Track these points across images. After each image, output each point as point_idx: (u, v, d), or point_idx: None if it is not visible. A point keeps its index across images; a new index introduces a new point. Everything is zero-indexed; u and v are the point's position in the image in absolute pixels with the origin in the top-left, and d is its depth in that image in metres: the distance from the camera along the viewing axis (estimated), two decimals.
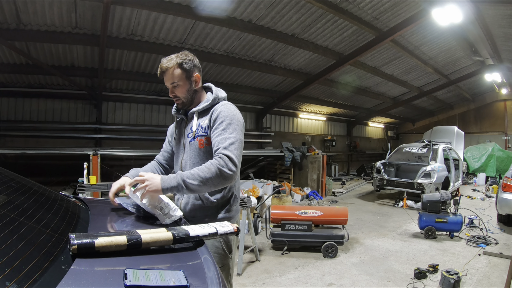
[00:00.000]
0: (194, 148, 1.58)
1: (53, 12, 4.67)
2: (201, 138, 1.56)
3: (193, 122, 1.60)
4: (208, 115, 1.57)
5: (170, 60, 1.55)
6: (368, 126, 16.04)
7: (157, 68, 1.64)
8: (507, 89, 11.89)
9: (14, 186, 1.19)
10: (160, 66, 1.56)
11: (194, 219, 1.56)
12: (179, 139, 1.69)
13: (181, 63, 1.56)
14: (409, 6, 5.80)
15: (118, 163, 7.39)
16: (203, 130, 1.56)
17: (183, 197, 1.61)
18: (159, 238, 1.05)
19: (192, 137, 1.59)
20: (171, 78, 1.56)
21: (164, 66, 1.55)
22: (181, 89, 1.59)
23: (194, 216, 1.58)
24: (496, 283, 3.22)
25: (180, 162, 1.64)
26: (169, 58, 1.57)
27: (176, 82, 1.57)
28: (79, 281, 0.80)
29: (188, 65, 1.58)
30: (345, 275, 3.47)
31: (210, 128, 1.54)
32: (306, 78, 8.52)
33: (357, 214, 6.38)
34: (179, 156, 1.66)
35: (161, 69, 1.56)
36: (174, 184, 1.37)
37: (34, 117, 6.88)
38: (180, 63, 1.56)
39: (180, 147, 1.67)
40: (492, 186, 9.35)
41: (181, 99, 1.61)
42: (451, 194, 6.61)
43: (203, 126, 1.57)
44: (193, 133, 1.58)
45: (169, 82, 1.57)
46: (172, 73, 1.56)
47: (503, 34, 6.82)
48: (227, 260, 1.58)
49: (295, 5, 5.37)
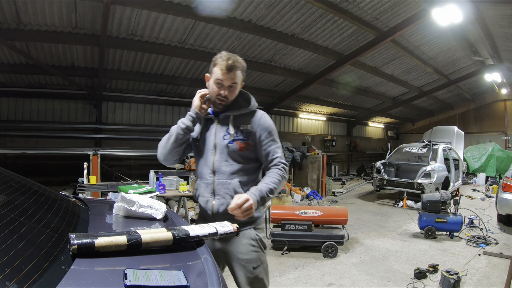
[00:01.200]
0: (232, 150, 1.56)
1: (53, 12, 4.67)
2: (241, 142, 1.56)
3: (230, 125, 1.57)
4: (248, 121, 1.58)
5: (241, 60, 1.53)
6: (368, 126, 16.04)
7: (157, 68, 1.63)
8: (507, 89, 11.88)
9: (14, 186, 1.19)
10: (234, 61, 1.49)
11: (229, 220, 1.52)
12: (207, 138, 1.62)
13: (244, 68, 1.56)
14: (409, 6, 5.80)
15: (118, 163, 7.39)
16: (243, 135, 1.57)
17: (214, 199, 1.57)
18: (159, 238, 1.05)
19: (230, 140, 1.56)
20: (234, 77, 1.51)
21: (237, 64, 1.50)
22: (234, 92, 1.55)
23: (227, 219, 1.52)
24: (496, 283, 3.22)
25: (212, 163, 1.58)
26: (239, 58, 1.53)
27: (236, 83, 1.53)
28: (79, 281, 0.80)
29: (244, 72, 1.58)
30: (345, 275, 3.47)
31: (253, 136, 1.57)
32: (306, 78, 8.52)
33: (357, 214, 6.37)
34: (209, 157, 1.60)
35: (233, 63, 1.49)
36: (264, 202, 1.48)
37: (34, 117, 6.88)
38: (243, 68, 1.55)
39: (208, 147, 1.61)
40: (492, 186, 9.35)
41: (228, 100, 1.55)
42: (451, 194, 6.61)
43: (244, 131, 1.57)
44: (231, 136, 1.56)
45: (230, 81, 1.51)
46: (236, 74, 1.51)
47: (503, 34, 6.82)
48: (264, 257, 1.62)
49: (295, 5, 5.37)
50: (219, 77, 1.49)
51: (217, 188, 1.57)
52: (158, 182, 3.84)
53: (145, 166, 5.94)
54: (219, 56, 1.51)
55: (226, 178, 1.56)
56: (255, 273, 1.54)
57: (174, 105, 8.58)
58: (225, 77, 1.49)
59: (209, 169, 1.59)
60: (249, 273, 1.53)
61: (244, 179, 1.58)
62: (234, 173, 1.56)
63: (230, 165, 1.56)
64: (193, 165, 5.27)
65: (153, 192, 3.49)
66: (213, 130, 1.61)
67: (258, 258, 1.57)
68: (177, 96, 8.41)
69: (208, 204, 1.59)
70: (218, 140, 1.58)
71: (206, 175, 1.60)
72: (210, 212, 1.58)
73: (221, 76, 1.49)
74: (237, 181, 1.55)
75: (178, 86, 7.91)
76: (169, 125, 7.22)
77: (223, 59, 1.49)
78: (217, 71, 1.50)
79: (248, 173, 1.60)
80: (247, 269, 1.54)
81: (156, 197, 3.48)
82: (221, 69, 1.48)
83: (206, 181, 1.60)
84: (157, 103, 8.26)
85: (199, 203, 1.64)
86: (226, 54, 1.51)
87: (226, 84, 1.50)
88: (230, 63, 1.47)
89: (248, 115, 1.60)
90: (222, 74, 1.48)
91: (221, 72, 1.48)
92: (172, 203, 5.37)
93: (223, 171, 1.56)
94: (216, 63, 1.51)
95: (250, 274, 1.53)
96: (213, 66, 1.53)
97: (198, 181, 1.65)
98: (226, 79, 1.49)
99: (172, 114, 8.60)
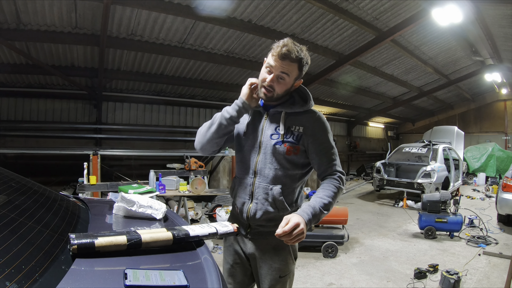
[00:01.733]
0: (279, 153, 1.40)
1: (53, 12, 4.67)
2: (290, 145, 1.40)
3: (281, 124, 1.42)
4: (302, 122, 1.43)
5: (300, 52, 1.35)
6: (368, 126, 16.04)
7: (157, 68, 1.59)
8: (507, 89, 11.87)
9: (14, 186, 1.19)
10: (290, 50, 1.31)
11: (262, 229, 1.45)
12: (254, 134, 1.46)
13: (302, 62, 1.38)
14: (409, 6, 5.80)
15: (118, 163, 7.39)
16: (294, 138, 1.41)
17: (251, 202, 1.44)
18: (159, 238, 1.05)
19: (279, 141, 1.41)
20: (286, 67, 1.34)
21: (294, 55, 1.33)
22: (282, 86, 1.38)
23: (262, 225, 1.45)
24: (496, 283, 3.22)
25: (256, 163, 1.43)
26: (299, 48, 1.36)
27: (286, 75, 1.36)
28: (79, 281, 0.80)
29: (304, 68, 1.42)
30: (345, 275, 3.47)
31: (304, 140, 1.41)
32: (306, 78, 8.40)
33: (357, 214, 6.37)
34: (252, 155, 1.45)
35: (289, 51, 1.31)
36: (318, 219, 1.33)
37: (34, 117, 6.88)
38: (301, 61, 1.37)
39: (254, 144, 1.45)
40: (492, 186, 9.34)
41: (274, 92, 1.38)
42: (451, 194, 6.61)
43: (295, 134, 1.41)
44: (280, 137, 1.40)
45: (279, 70, 1.34)
46: (289, 64, 1.34)
47: (503, 34, 6.81)
48: (293, 267, 1.53)
49: (295, 5, 5.37)
50: (270, 63, 1.36)
51: (256, 191, 1.43)
52: (158, 182, 3.84)
53: (145, 166, 5.95)
54: (276, 43, 1.37)
55: (268, 183, 1.41)
56: (281, 282, 1.48)
57: (174, 105, 8.58)
58: (276, 64, 1.33)
59: (250, 169, 1.45)
60: (275, 281, 1.45)
61: (287, 186, 1.43)
62: (277, 178, 1.41)
63: (274, 168, 1.41)
64: (193, 165, 5.27)
65: (153, 192, 3.49)
66: (260, 125, 1.46)
67: (288, 267, 1.48)
68: (177, 96, 8.41)
69: (244, 206, 1.46)
70: (265, 138, 1.43)
71: (246, 175, 1.46)
72: (245, 215, 1.45)
73: (272, 62, 1.35)
74: (279, 188, 1.40)
75: (178, 86, 7.91)
76: (169, 125, 7.20)
77: (279, 45, 1.34)
78: (269, 57, 1.37)
79: (291, 181, 1.44)
80: (274, 276, 1.45)
81: (156, 197, 3.48)
82: (273, 55, 1.34)
83: (245, 181, 1.46)
84: (157, 103, 8.25)
85: (235, 203, 1.52)
86: (286, 41, 1.34)
87: (275, 72, 1.35)
88: (284, 50, 1.31)
89: (302, 115, 1.45)
90: (273, 60, 1.34)
91: (273, 58, 1.34)
92: (172, 203, 5.37)
93: (266, 174, 1.42)
94: (272, 48, 1.37)
95: (275, 282, 1.46)
96: (269, 52, 1.39)
97: (237, 179, 1.51)
98: (276, 66, 1.34)
99: (172, 114, 8.60)
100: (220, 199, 3.68)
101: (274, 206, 1.41)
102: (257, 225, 1.46)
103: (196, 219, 5.34)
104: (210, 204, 5.78)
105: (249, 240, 1.49)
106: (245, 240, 1.50)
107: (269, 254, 1.46)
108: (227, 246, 1.58)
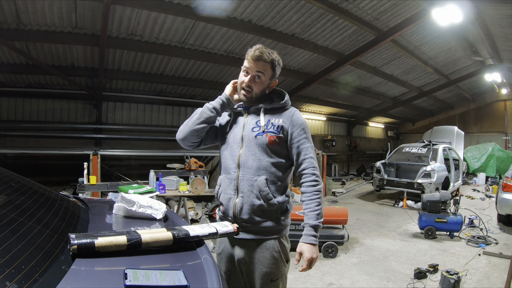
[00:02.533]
0: (261, 143, 1.47)
1: (53, 12, 4.67)
2: (272, 135, 1.48)
3: (261, 117, 1.52)
4: (280, 115, 1.52)
5: (271, 54, 1.50)
6: (368, 126, 16.04)
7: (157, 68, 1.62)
8: (507, 89, 11.88)
9: (14, 186, 1.19)
10: (262, 52, 1.46)
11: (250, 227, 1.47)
12: (236, 131, 1.55)
13: (274, 63, 1.51)
14: (409, 6, 5.80)
15: (118, 163, 7.40)
16: (274, 128, 1.49)
17: (237, 197, 1.48)
18: (159, 238, 1.05)
19: (259, 132, 1.49)
20: (260, 68, 1.48)
21: (266, 56, 1.47)
22: (259, 85, 1.51)
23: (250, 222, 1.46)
24: (496, 283, 3.22)
25: (238, 156, 1.49)
26: (270, 51, 1.50)
27: (262, 74, 1.49)
28: (79, 281, 0.80)
29: (277, 68, 1.54)
30: (345, 275, 3.47)
31: (284, 131, 1.50)
32: (306, 78, 8.51)
33: (357, 214, 6.37)
34: (235, 150, 1.51)
35: (261, 53, 1.46)
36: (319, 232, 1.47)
37: (34, 117, 6.89)
38: (273, 62, 1.51)
39: (235, 139, 1.53)
40: (492, 186, 9.35)
41: (252, 92, 1.51)
42: (451, 194, 6.61)
43: (275, 125, 1.50)
44: (261, 128, 1.49)
45: (255, 70, 1.48)
46: (263, 65, 1.48)
47: (503, 34, 6.82)
48: (285, 270, 1.55)
49: (295, 5, 5.37)
50: (246, 65, 1.50)
51: (241, 184, 1.47)
52: (158, 182, 3.84)
53: (145, 166, 5.95)
54: (250, 48, 1.51)
55: (252, 174, 1.45)
56: (273, 285, 1.49)
57: (174, 105, 8.58)
58: (251, 65, 1.47)
59: (234, 163, 1.50)
60: (267, 284, 1.47)
61: (272, 177, 1.47)
62: (261, 169, 1.46)
63: (258, 159, 1.46)
64: (193, 165, 5.27)
65: (153, 192, 3.49)
66: (241, 122, 1.56)
67: (279, 271, 1.49)
68: (177, 96, 8.41)
69: (230, 202, 1.49)
70: (246, 132, 1.51)
71: (231, 170, 1.50)
72: (232, 211, 1.48)
73: (248, 64, 1.49)
74: (263, 179, 1.44)
75: (178, 86, 7.91)
76: (169, 125, 7.20)
77: (251, 49, 1.48)
78: (245, 62, 1.50)
79: (276, 171, 1.48)
80: (265, 280, 1.47)
81: (156, 197, 3.48)
82: (247, 59, 1.48)
83: (230, 176, 1.50)
84: (157, 103, 8.26)
85: (220, 201, 1.55)
86: (258, 46, 1.50)
87: (251, 73, 1.48)
88: (257, 53, 1.45)
89: (280, 110, 1.54)
90: (248, 62, 1.48)
91: (247, 61, 1.48)
92: (172, 203, 5.37)
93: (249, 166, 1.46)
94: (246, 54, 1.51)
95: (267, 285, 1.48)
96: (244, 59, 1.53)
97: (222, 176, 1.56)
98: (251, 67, 1.48)
99: (172, 114, 8.60)
100: None
101: (259, 197, 1.44)
102: (244, 222, 1.46)
103: (196, 219, 5.34)
104: (210, 204, 5.78)
105: (238, 243, 1.49)
106: (235, 246, 1.51)
107: (259, 258, 1.47)
108: (219, 253, 1.59)
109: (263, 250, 1.47)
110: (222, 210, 1.54)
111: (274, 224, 1.48)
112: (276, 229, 1.49)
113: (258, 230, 1.47)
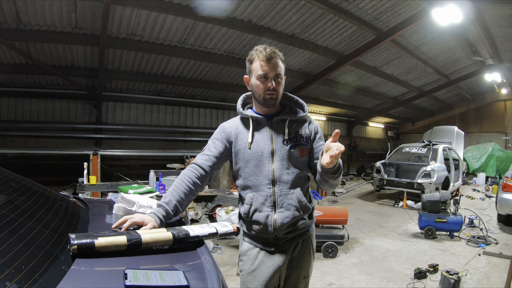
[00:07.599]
0: (294, 157, 1.43)
1: (53, 12, 4.67)
2: (303, 148, 1.44)
3: (286, 128, 1.44)
4: (303, 125, 1.48)
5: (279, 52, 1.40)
6: (368, 126, 16.04)
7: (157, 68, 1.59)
8: (507, 89, 11.88)
9: (14, 186, 1.19)
10: (272, 50, 1.35)
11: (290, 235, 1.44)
12: (263, 144, 1.43)
13: (283, 58, 1.41)
14: (409, 6, 5.80)
15: (118, 163, 7.40)
16: (303, 140, 1.45)
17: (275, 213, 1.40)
18: (159, 238, 1.05)
19: (291, 144, 1.43)
20: (277, 67, 1.36)
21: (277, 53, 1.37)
22: (281, 84, 1.41)
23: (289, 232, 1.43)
24: (496, 283, 3.22)
25: (271, 171, 1.40)
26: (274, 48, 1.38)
27: (281, 74, 1.39)
28: (79, 281, 0.80)
29: (284, 63, 1.43)
30: (345, 275, 3.47)
31: (309, 141, 1.47)
32: (306, 78, 8.51)
33: (357, 214, 6.38)
34: (265, 165, 1.41)
35: (273, 52, 1.34)
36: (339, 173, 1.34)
37: (34, 117, 6.88)
38: (282, 58, 1.40)
39: (264, 154, 1.42)
40: (492, 186, 9.35)
41: (278, 94, 1.40)
42: (451, 194, 6.61)
43: (304, 136, 1.45)
44: (292, 141, 1.44)
45: (274, 72, 1.35)
46: (278, 63, 1.36)
47: (503, 34, 6.82)
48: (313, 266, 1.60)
49: (295, 5, 5.37)
50: (262, 70, 1.35)
51: (279, 200, 1.40)
52: (158, 182, 3.84)
53: (145, 166, 5.95)
54: (254, 50, 1.38)
55: (289, 188, 1.41)
56: (304, 282, 1.52)
57: (174, 105, 8.58)
58: (268, 68, 1.34)
59: (266, 179, 1.40)
60: (299, 281, 1.50)
61: (303, 188, 1.46)
62: (295, 182, 1.42)
63: (292, 173, 1.42)
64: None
65: (153, 192, 3.49)
66: (266, 134, 1.44)
67: (311, 268, 1.54)
68: (177, 96, 8.41)
69: (269, 219, 1.40)
70: (277, 146, 1.42)
71: (263, 186, 1.41)
72: (272, 228, 1.40)
73: (262, 68, 1.35)
74: (299, 190, 1.42)
75: (178, 86, 7.91)
76: (169, 125, 7.20)
77: (260, 50, 1.36)
78: (256, 66, 1.36)
79: (305, 182, 1.48)
80: (299, 278, 1.50)
81: (156, 197, 3.47)
82: (261, 61, 1.34)
83: (263, 193, 1.41)
84: (157, 103, 8.26)
85: (255, 220, 1.42)
86: (263, 46, 1.38)
87: (271, 75, 1.36)
88: (268, 51, 1.34)
89: (302, 121, 1.50)
90: (262, 66, 1.35)
91: (261, 64, 1.35)
92: None
93: (285, 180, 1.40)
94: (252, 58, 1.38)
95: (298, 282, 1.50)
96: (250, 64, 1.40)
97: (251, 194, 1.42)
98: (269, 70, 1.35)
99: (172, 114, 8.60)
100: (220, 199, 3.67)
101: (299, 209, 1.42)
102: (284, 235, 1.44)
103: (196, 219, 5.34)
104: (210, 204, 5.78)
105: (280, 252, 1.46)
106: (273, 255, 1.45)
107: (296, 259, 1.49)
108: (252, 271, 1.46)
109: (305, 247, 1.51)
110: (259, 229, 1.43)
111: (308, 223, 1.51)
112: (309, 228, 1.52)
113: (294, 236, 1.48)
